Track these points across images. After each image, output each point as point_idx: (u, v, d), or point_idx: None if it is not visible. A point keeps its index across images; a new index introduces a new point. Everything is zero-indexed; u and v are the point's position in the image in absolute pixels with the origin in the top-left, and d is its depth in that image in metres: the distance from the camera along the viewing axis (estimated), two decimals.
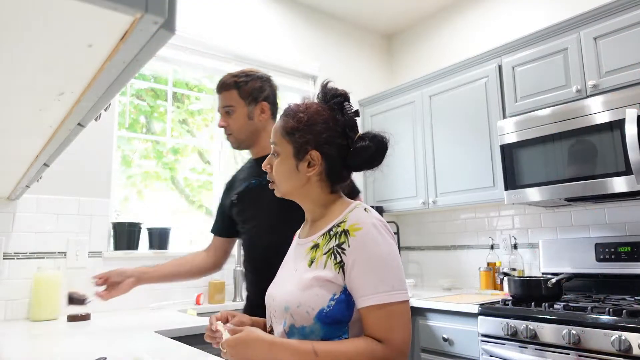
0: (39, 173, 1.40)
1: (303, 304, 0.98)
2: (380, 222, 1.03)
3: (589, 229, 2.46)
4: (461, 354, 2.20)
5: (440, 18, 3.48)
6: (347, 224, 1.01)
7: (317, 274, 1.00)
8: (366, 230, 0.99)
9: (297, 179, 1.09)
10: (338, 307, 0.97)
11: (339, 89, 1.13)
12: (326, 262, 1.01)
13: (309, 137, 1.07)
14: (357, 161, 1.08)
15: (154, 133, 2.76)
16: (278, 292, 1.08)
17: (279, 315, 1.05)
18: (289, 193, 1.12)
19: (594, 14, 2.19)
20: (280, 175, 1.10)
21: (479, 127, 2.66)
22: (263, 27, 3.10)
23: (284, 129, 1.09)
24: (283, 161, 1.09)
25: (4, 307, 1.99)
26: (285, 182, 1.10)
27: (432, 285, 3.19)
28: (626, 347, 1.62)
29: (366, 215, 1.03)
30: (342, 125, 1.09)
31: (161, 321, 1.92)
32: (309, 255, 1.06)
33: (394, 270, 0.97)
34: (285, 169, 1.09)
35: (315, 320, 0.97)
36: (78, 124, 0.83)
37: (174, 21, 0.45)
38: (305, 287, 1.00)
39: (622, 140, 1.96)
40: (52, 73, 0.61)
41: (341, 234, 1.01)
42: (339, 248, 1.00)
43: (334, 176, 1.10)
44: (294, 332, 1.01)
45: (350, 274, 0.97)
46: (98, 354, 1.31)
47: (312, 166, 1.07)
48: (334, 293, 0.98)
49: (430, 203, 2.89)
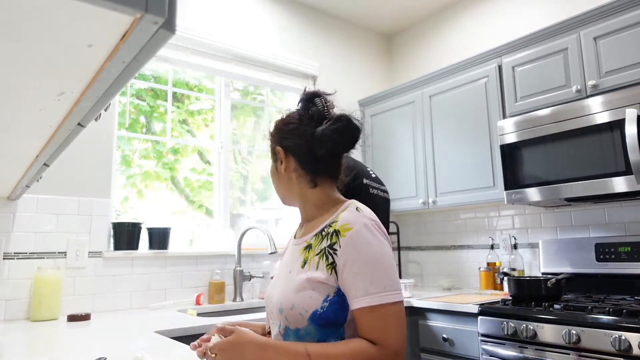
0: (39, 173, 1.40)
1: (297, 305, 0.98)
2: (373, 221, 1.01)
3: (589, 229, 2.46)
4: (461, 354, 2.20)
5: (440, 18, 3.48)
6: (339, 224, 1.00)
7: (310, 275, 0.99)
8: (357, 230, 0.97)
9: (280, 181, 1.15)
10: (332, 308, 0.96)
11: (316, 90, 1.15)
12: (318, 263, 1.00)
13: (277, 137, 1.14)
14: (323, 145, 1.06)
15: (154, 133, 2.76)
16: (274, 294, 1.08)
17: (274, 317, 1.05)
18: (283, 197, 1.18)
19: (594, 14, 2.19)
20: (273, 182, 1.19)
21: (479, 127, 2.66)
22: (263, 27, 3.10)
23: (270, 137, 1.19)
24: (271, 168, 1.19)
25: (4, 307, 1.99)
26: (275, 187, 1.18)
27: (432, 285, 3.19)
28: (626, 347, 1.62)
29: (358, 214, 1.01)
30: (308, 118, 1.10)
31: (161, 321, 1.92)
32: (302, 256, 1.06)
33: (385, 270, 0.95)
34: (271, 174, 1.19)
35: (309, 322, 0.97)
36: (78, 124, 0.83)
37: (174, 21, 0.45)
38: (298, 288, 0.99)
39: (622, 140, 1.96)
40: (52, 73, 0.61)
41: (332, 234, 1.00)
42: (331, 249, 0.99)
43: (310, 167, 1.09)
44: (289, 334, 1.00)
45: (342, 274, 0.96)
46: (98, 354, 1.31)
47: (283, 164, 1.12)
48: (327, 294, 0.97)
49: (430, 203, 2.89)
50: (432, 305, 2.34)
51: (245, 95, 3.18)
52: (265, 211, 3.19)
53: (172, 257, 2.48)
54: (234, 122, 3.03)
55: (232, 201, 2.92)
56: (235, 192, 2.98)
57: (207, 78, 2.95)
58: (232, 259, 2.68)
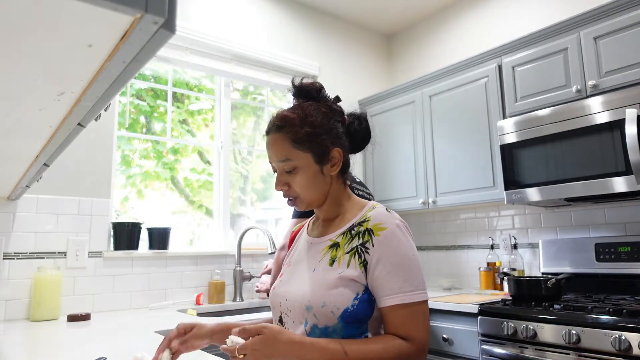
0: (39, 173, 1.40)
1: (328, 303, 0.98)
2: (402, 222, 1.04)
3: (589, 229, 2.46)
4: (461, 354, 2.20)
5: (440, 18, 3.48)
6: (371, 223, 1.02)
7: (341, 273, 1.00)
8: (391, 230, 1.00)
9: (323, 184, 1.07)
10: (361, 306, 0.98)
11: (315, 82, 1.14)
12: (349, 261, 1.01)
13: (326, 137, 1.05)
14: (357, 141, 1.11)
15: (154, 133, 2.76)
16: (293, 292, 1.06)
17: (297, 315, 1.03)
18: (316, 200, 1.08)
19: (594, 14, 2.19)
20: (305, 189, 1.05)
21: (479, 127, 2.66)
22: (263, 27, 3.10)
23: (294, 140, 1.03)
24: (305, 172, 1.04)
25: (4, 307, 1.99)
26: (312, 193, 1.06)
27: (432, 285, 3.19)
28: (626, 347, 1.62)
29: (389, 215, 1.04)
30: (340, 114, 1.11)
31: (161, 321, 1.92)
32: (329, 254, 1.06)
33: (416, 270, 0.99)
34: (309, 179, 1.04)
35: (339, 320, 0.97)
36: (78, 124, 0.83)
37: (174, 21, 0.45)
38: (330, 286, 0.99)
39: (622, 140, 1.96)
40: (52, 73, 0.61)
41: (364, 232, 1.02)
42: (363, 247, 1.00)
43: (346, 166, 1.11)
44: (316, 332, 1.00)
45: (374, 272, 0.98)
46: (98, 354, 1.31)
47: (335, 164, 1.07)
48: (357, 292, 0.98)
49: (430, 203, 2.89)
50: (432, 305, 2.34)
51: (245, 95, 3.18)
52: (265, 211, 3.19)
53: (172, 257, 2.48)
54: (234, 122, 3.03)
55: (232, 201, 2.92)
56: (235, 192, 2.98)
57: (207, 78, 2.95)
58: (232, 259, 2.68)
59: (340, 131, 1.08)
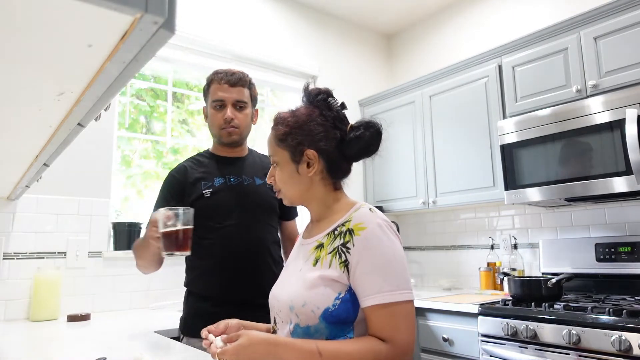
0: (39, 173, 1.40)
1: (308, 302, 0.98)
2: (385, 222, 1.03)
3: (589, 229, 2.46)
4: (461, 354, 2.20)
5: (440, 18, 3.48)
6: (352, 223, 1.02)
7: (322, 273, 1.00)
8: (371, 229, 0.99)
9: (300, 183, 1.10)
10: (343, 306, 0.97)
11: (322, 88, 1.15)
12: (331, 261, 1.01)
13: (301, 138, 1.08)
14: (354, 151, 1.09)
15: (154, 133, 2.76)
16: (282, 293, 1.08)
17: (284, 315, 1.05)
18: (297, 198, 1.12)
19: (594, 14, 2.19)
20: (283, 183, 1.11)
21: (479, 127, 2.66)
22: (263, 27, 3.10)
23: (276, 137, 1.11)
24: (283, 168, 1.10)
25: (4, 307, 1.99)
26: (290, 189, 1.11)
27: (432, 285, 3.19)
28: (626, 347, 1.62)
29: (371, 214, 1.03)
30: (332, 119, 1.10)
31: (161, 321, 1.92)
32: (314, 254, 1.06)
33: (398, 269, 0.97)
34: (286, 175, 1.10)
35: (321, 320, 0.97)
36: (78, 124, 0.83)
37: (174, 21, 0.45)
38: (310, 286, 1.00)
39: (622, 140, 1.96)
40: (52, 73, 0.61)
41: (346, 233, 1.01)
42: (344, 247, 1.00)
43: (335, 171, 1.11)
44: (298, 332, 1.00)
45: (355, 273, 0.97)
46: (98, 354, 1.31)
47: (311, 165, 1.08)
48: (339, 292, 0.98)
49: (430, 203, 2.89)
50: (432, 305, 2.34)
51: None
52: None
53: (172, 257, 2.47)
54: None
55: None
56: None
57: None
58: None
59: (325, 135, 1.07)
